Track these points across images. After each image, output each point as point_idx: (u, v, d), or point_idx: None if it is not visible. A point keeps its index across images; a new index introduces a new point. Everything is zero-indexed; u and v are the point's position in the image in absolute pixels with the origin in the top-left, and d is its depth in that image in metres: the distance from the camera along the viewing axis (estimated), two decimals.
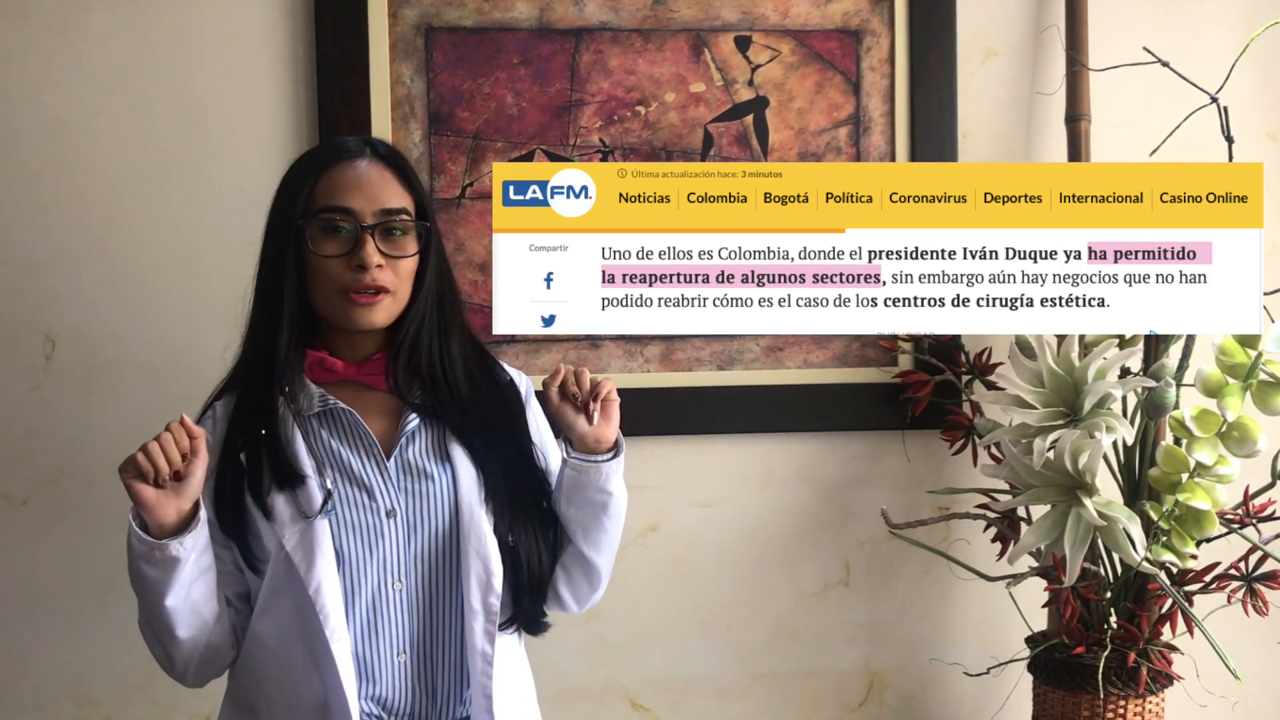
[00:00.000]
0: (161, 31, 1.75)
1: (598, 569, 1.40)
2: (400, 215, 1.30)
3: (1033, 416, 1.55)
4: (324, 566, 1.26)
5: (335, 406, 1.32)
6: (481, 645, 1.31)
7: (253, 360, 1.33)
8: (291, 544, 1.26)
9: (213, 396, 1.37)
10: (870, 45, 1.87)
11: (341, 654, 1.26)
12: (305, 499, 1.28)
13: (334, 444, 1.32)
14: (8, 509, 1.76)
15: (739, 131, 1.85)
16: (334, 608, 1.26)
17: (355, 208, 1.28)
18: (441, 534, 1.32)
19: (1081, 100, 1.82)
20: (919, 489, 1.88)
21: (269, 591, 1.29)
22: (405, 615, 1.32)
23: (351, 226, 1.28)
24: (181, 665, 1.30)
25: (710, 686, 1.90)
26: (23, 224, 1.74)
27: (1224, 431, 1.55)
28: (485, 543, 1.31)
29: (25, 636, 1.77)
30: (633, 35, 1.83)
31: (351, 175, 1.30)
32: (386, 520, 1.30)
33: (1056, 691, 1.68)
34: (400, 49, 1.79)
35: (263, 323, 1.32)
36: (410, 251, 1.31)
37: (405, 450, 1.33)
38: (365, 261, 1.27)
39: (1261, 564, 1.60)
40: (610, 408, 1.32)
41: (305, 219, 1.29)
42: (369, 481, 1.31)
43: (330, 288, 1.29)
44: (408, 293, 1.32)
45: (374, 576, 1.30)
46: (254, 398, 1.31)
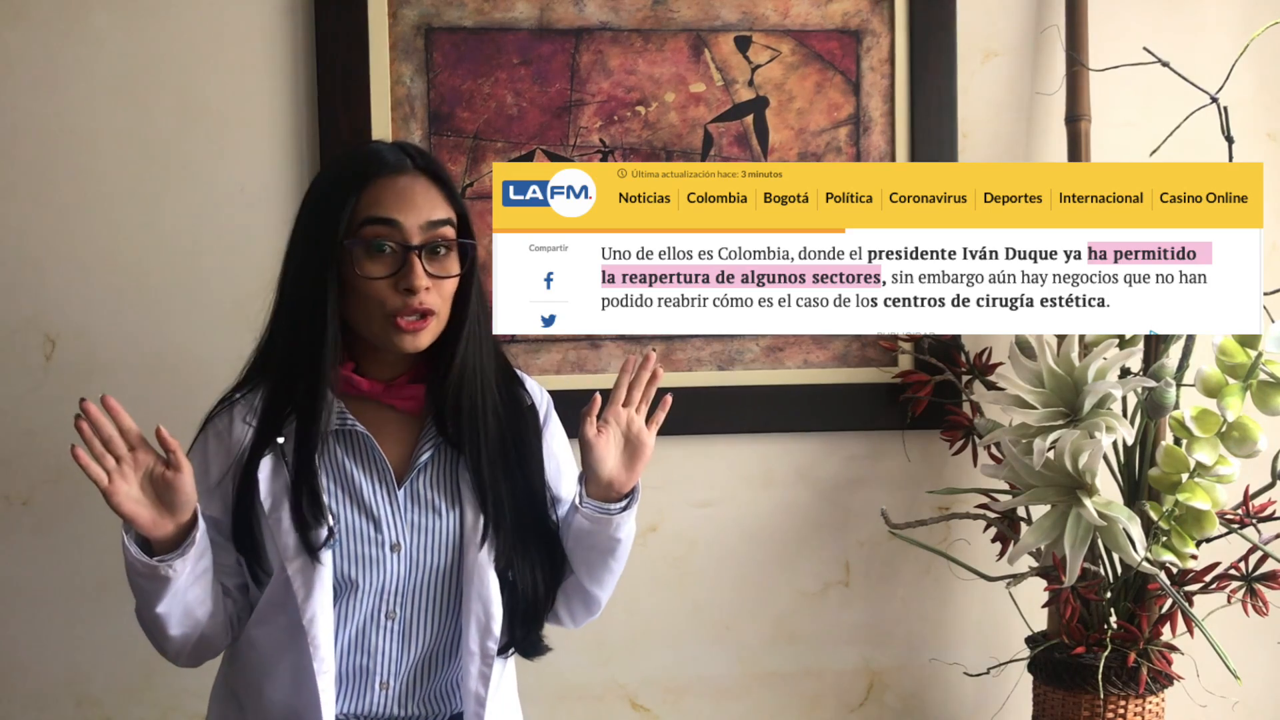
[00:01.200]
0: (161, 31, 1.75)
1: (598, 599, 1.40)
2: (445, 227, 1.26)
3: (1033, 416, 1.55)
4: (320, 599, 1.25)
5: (354, 429, 1.30)
6: (475, 688, 1.30)
7: (280, 376, 1.28)
8: (293, 569, 1.25)
9: (224, 400, 1.33)
10: (870, 45, 1.87)
11: (325, 687, 1.26)
12: (315, 532, 1.26)
13: (348, 464, 1.30)
14: (8, 509, 1.76)
15: (739, 131, 1.85)
16: (324, 639, 1.26)
17: (402, 221, 1.24)
18: (443, 571, 1.31)
19: (1081, 100, 1.82)
20: (919, 489, 1.88)
21: (267, 603, 1.29)
22: (396, 646, 1.31)
23: (397, 246, 1.24)
24: (173, 654, 1.30)
25: (710, 686, 1.90)
26: (23, 224, 1.74)
27: (1224, 431, 1.55)
28: (487, 586, 1.30)
29: (25, 636, 1.77)
30: (633, 35, 1.83)
31: (397, 189, 1.25)
32: (390, 554, 1.29)
33: (1056, 691, 1.68)
34: (400, 49, 1.79)
35: (297, 342, 1.27)
36: (455, 271, 1.28)
37: (417, 481, 1.31)
38: (414, 285, 1.23)
39: (1261, 564, 1.60)
40: (644, 451, 1.31)
41: (350, 238, 1.24)
42: (377, 511, 1.29)
43: (376, 312, 1.24)
44: (448, 312, 1.29)
45: (369, 604, 1.30)
46: (297, 421, 1.26)
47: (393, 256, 1.24)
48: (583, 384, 1.81)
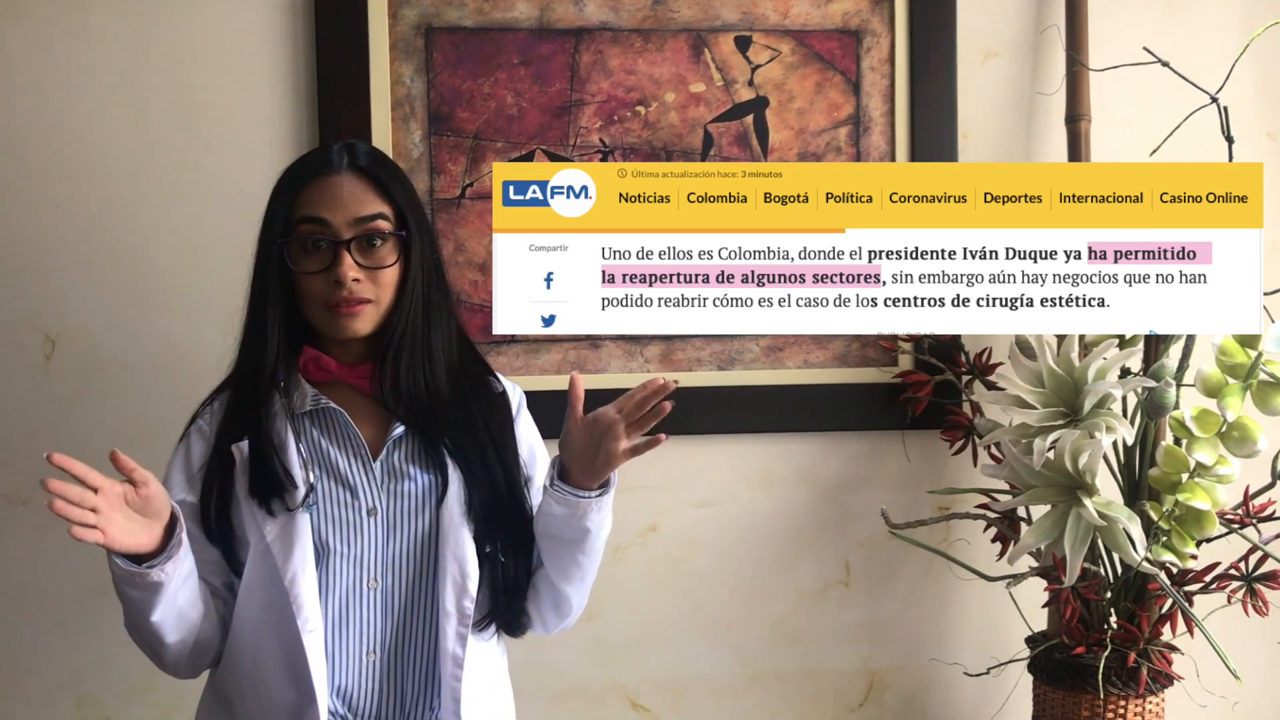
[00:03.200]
0: (161, 32, 1.75)
1: (568, 599, 1.39)
2: (375, 221, 1.31)
3: (1033, 416, 1.55)
4: (300, 557, 1.28)
5: (326, 406, 1.34)
6: (452, 648, 1.31)
7: (244, 369, 1.35)
8: (271, 535, 1.28)
9: (208, 401, 1.39)
10: (870, 45, 1.87)
11: (313, 645, 1.27)
12: (289, 494, 1.29)
13: (323, 443, 1.34)
14: (8, 509, 1.76)
15: (739, 131, 1.85)
16: (308, 598, 1.27)
17: (330, 219, 1.30)
18: (421, 536, 1.33)
19: (1081, 100, 1.82)
20: (919, 489, 1.88)
21: (246, 584, 1.31)
22: (379, 615, 1.33)
23: (329, 242, 1.30)
24: (172, 664, 1.32)
25: (710, 686, 1.90)
26: (23, 224, 1.74)
27: (1224, 431, 1.55)
28: (463, 546, 1.32)
29: (25, 636, 1.77)
30: (633, 35, 1.83)
31: (326, 189, 1.31)
32: (367, 518, 1.32)
33: (1056, 692, 1.68)
34: (400, 49, 1.79)
35: (252, 336, 1.34)
36: (388, 262, 1.32)
37: (392, 454, 1.34)
38: (342, 278, 1.29)
39: (1261, 564, 1.60)
40: (610, 465, 1.28)
41: (285, 236, 1.31)
42: (353, 480, 1.32)
43: (315, 302, 1.31)
44: (390, 299, 1.33)
45: (350, 573, 1.31)
46: (244, 405, 1.33)
47: (326, 251, 1.30)
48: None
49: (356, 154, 1.34)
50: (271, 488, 1.29)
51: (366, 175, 1.33)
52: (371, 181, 1.33)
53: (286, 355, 1.34)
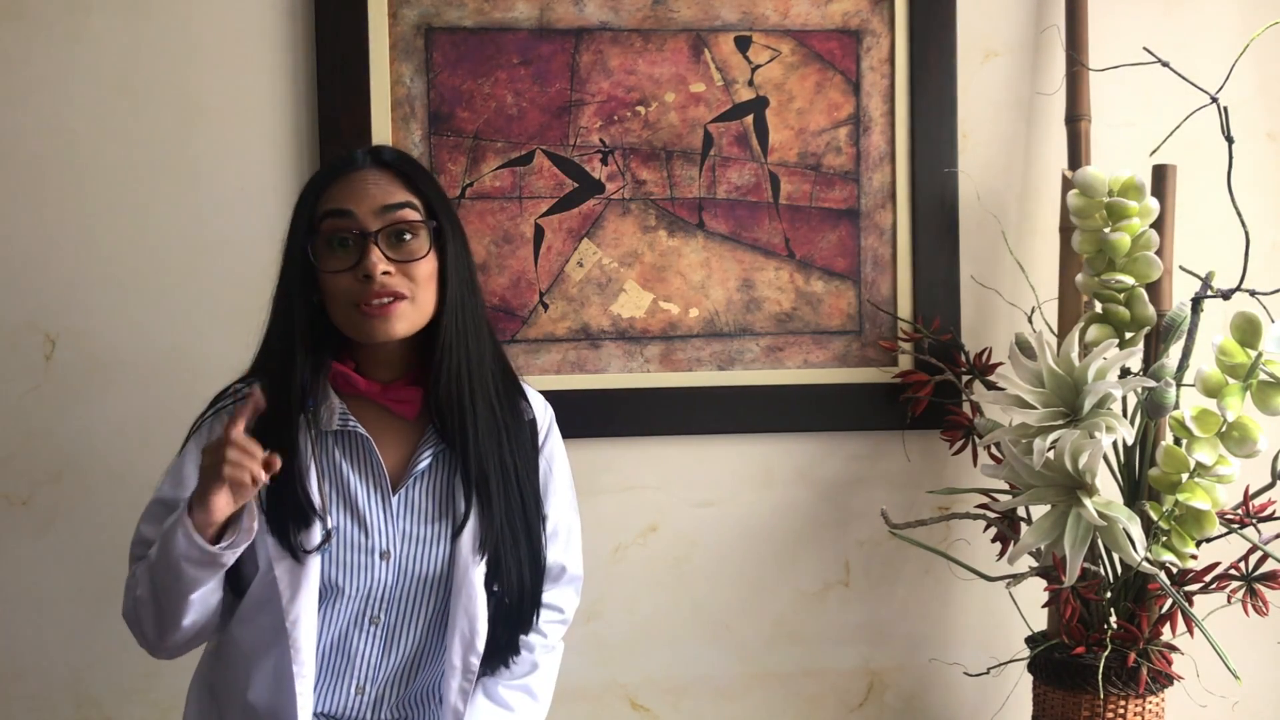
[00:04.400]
0: (161, 32, 1.75)
1: None
2: (403, 210, 1.25)
3: (1033, 416, 1.55)
4: (305, 603, 1.25)
5: (354, 430, 1.29)
6: (455, 702, 1.30)
7: (271, 384, 1.28)
8: (280, 571, 1.25)
9: (228, 395, 1.34)
10: (870, 45, 1.87)
11: (303, 691, 1.26)
12: (305, 533, 1.26)
13: (344, 467, 1.29)
14: (8, 509, 1.76)
15: (739, 131, 1.85)
16: (306, 643, 1.26)
17: (354, 209, 1.24)
18: (432, 582, 1.31)
19: (1081, 100, 1.82)
20: (919, 489, 1.88)
21: (251, 603, 1.29)
22: (376, 650, 1.31)
23: (355, 236, 1.24)
24: (169, 644, 1.29)
25: (710, 686, 1.90)
26: (23, 224, 1.74)
27: (1224, 431, 1.55)
28: (475, 602, 1.29)
29: (25, 636, 1.77)
30: (633, 35, 1.83)
31: (349, 183, 1.27)
32: (379, 561, 1.29)
33: (1056, 691, 1.68)
34: (400, 49, 1.79)
35: (279, 346, 1.28)
36: (421, 253, 1.26)
37: (412, 489, 1.31)
38: (370, 270, 1.22)
39: (1261, 564, 1.60)
40: None
41: (310, 236, 1.25)
42: (369, 518, 1.29)
43: (343, 302, 1.25)
44: (430, 300, 1.27)
45: (353, 608, 1.30)
46: (273, 423, 1.26)
47: (353, 248, 1.24)
48: (583, 384, 1.81)
49: (381, 152, 1.30)
50: (288, 521, 1.25)
51: (392, 169, 1.29)
52: (397, 174, 1.28)
53: (314, 369, 1.27)
